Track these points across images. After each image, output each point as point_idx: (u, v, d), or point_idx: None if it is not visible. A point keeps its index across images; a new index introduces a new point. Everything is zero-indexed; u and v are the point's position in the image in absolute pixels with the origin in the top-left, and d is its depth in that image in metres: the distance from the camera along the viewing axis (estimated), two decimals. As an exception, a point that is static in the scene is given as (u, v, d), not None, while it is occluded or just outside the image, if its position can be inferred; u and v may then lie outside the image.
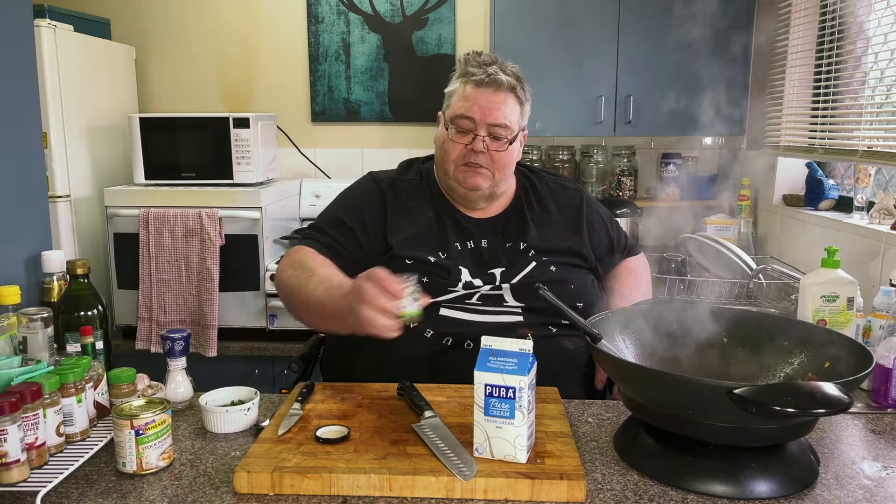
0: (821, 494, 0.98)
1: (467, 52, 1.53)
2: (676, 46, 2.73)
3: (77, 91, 2.62)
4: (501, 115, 1.45)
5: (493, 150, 1.46)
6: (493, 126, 1.45)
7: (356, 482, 0.96)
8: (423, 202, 1.53)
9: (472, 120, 1.45)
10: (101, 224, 2.74)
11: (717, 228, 2.90)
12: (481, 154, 1.45)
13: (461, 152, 1.46)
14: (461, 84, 1.49)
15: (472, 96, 1.45)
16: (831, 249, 1.53)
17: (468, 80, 1.47)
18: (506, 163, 1.49)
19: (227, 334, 2.63)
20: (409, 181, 1.57)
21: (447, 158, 1.48)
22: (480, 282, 1.44)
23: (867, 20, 2.29)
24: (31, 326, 1.24)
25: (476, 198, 1.51)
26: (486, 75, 1.45)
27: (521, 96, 1.49)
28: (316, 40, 3.19)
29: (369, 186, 1.57)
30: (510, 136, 1.47)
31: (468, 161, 1.46)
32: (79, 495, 0.98)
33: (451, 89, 1.51)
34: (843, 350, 1.09)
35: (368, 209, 1.51)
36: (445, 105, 1.52)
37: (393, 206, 1.51)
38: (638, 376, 1.06)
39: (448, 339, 1.39)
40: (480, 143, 1.45)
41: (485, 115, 1.44)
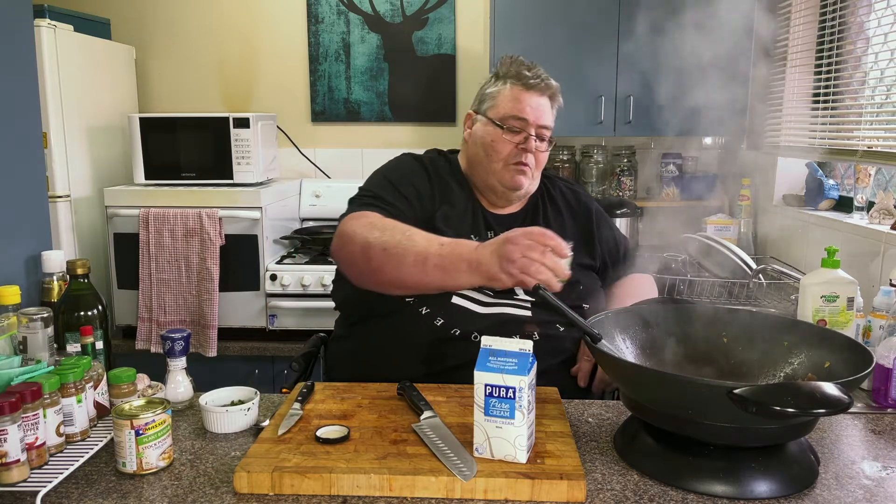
0: (821, 494, 0.98)
1: (509, 57, 1.59)
2: (676, 46, 2.73)
3: (77, 91, 2.62)
4: (548, 118, 1.54)
5: (539, 150, 1.53)
6: (541, 128, 1.52)
7: (356, 482, 0.96)
8: (458, 187, 1.57)
9: (524, 121, 1.51)
10: (101, 224, 2.74)
11: (717, 228, 2.90)
12: (530, 153, 1.51)
13: (511, 151, 1.51)
14: (509, 86, 1.54)
15: (524, 98, 1.52)
16: (831, 249, 1.53)
17: (518, 83, 1.53)
18: (543, 163, 1.56)
19: (227, 334, 2.63)
20: (444, 166, 1.60)
21: (495, 156, 1.52)
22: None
23: (867, 20, 2.29)
24: (31, 326, 1.24)
25: (512, 197, 1.56)
26: (539, 79, 1.53)
27: (558, 101, 1.58)
28: (316, 40, 3.19)
29: (410, 161, 1.59)
30: (551, 138, 1.55)
31: (518, 160, 1.51)
32: (79, 495, 0.98)
33: (495, 90, 1.55)
34: (843, 350, 1.09)
35: (417, 180, 1.53)
36: (487, 105, 1.55)
37: (436, 181, 1.55)
38: (638, 376, 1.06)
39: (456, 331, 1.39)
40: (532, 143, 1.51)
41: (537, 117, 1.51)
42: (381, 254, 1.33)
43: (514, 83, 1.53)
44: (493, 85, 1.57)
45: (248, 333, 2.67)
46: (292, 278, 2.59)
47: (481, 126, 1.55)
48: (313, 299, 2.61)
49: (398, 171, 1.57)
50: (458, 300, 1.42)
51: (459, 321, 1.40)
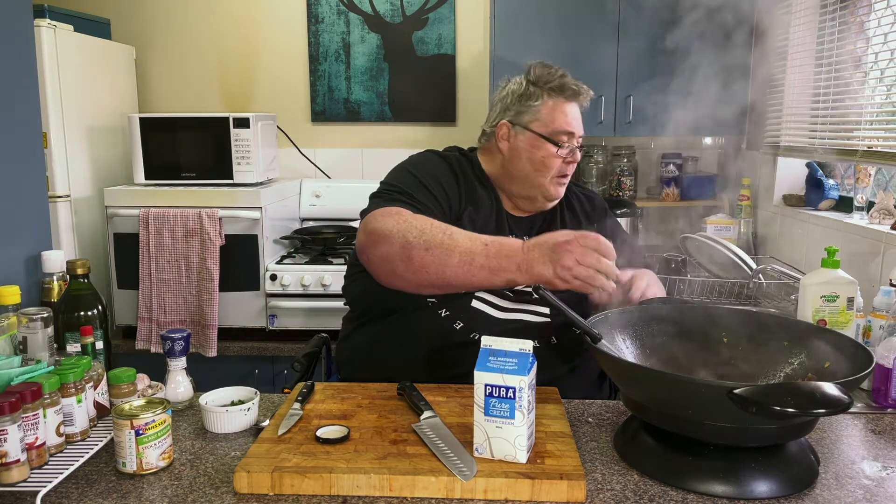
0: (821, 494, 0.98)
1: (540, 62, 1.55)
2: (676, 46, 2.73)
3: (77, 91, 2.62)
4: (582, 127, 1.53)
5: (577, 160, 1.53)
6: (580, 137, 1.53)
7: (356, 482, 0.96)
8: (482, 188, 1.54)
9: (571, 134, 1.50)
10: (101, 224, 2.74)
11: (717, 228, 2.90)
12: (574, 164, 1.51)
13: (560, 166, 1.50)
14: (552, 98, 1.50)
15: (569, 111, 1.51)
16: (831, 249, 1.53)
17: (562, 94, 1.50)
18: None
19: (227, 334, 2.63)
20: (468, 165, 1.57)
21: (546, 172, 1.49)
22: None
23: (867, 20, 2.29)
24: (31, 326, 1.24)
25: (548, 206, 1.55)
26: (579, 87, 1.51)
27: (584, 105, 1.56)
28: (316, 40, 3.19)
29: (437, 160, 1.55)
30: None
31: (563, 173, 1.51)
32: (79, 495, 0.98)
33: (537, 103, 1.50)
34: (843, 350, 1.09)
35: (444, 179, 1.49)
36: (529, 118, 1.50)
37: (463, 181, 1.51)
38: (638, 376, 1.06)
39: (475, 335, 1.39)
40: (579, 154, 1.51)
41: (579, 129, 1.52)
42: (424, 254, 1.27)
43: (555, 94, 1.50)
44: (531, 96, 1.52)
45: (248, 333, 2.67)
46: (292, 278, 2.59)
47: (527, 140, 1.50)
48: (313, 299, 2.61)
49: (425, 168, 1.50)
50: (477, 304, 1.41)
51: (478, 326, 1.39)
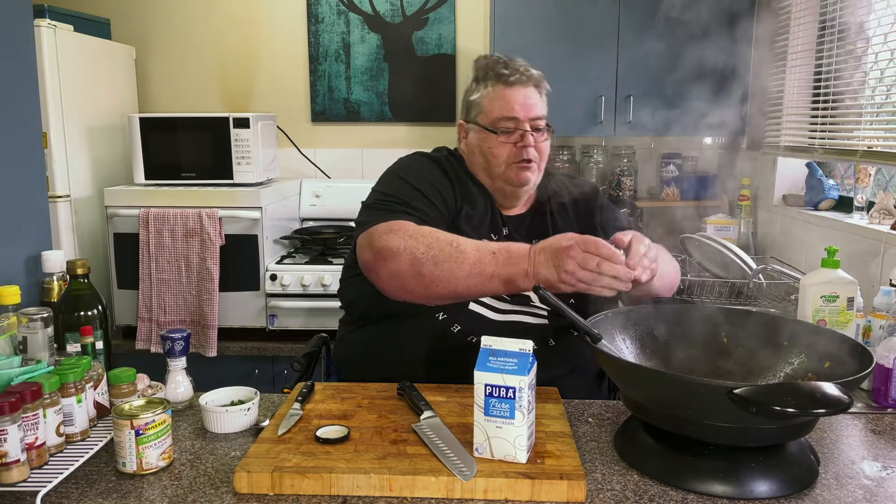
0: (821, 494, 0.98)
1: (483, 57, 1.55)
2: (676, 46, 2.73)
3: (77, 91, 2.62)
4: (538, 108, 1.50)
5: (539, 142, 1.49)
6: (534, 120, 1.49)
7: (356, 482, 0.96)
8: (474, 185, 1.53)
9: (515, 119, 1.47)
10: (101, 224, 2.74)
11: (717, 228, 2.90)
12: (531, 148, 1.47)
13: (510, 152, 1.48)
14: (491, 87, 1.50)
15: (508, 96, 1.48)
16: (831, 249, 1.53)
17: (499, 82, 1.49)
18: (547, 153, 1.53)
19: (227, 334, 2.63)
20: (457, 164, 1.56)
21: (496, 161, 1.49)
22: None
23: (867, 20, 2.29)
24: (31, 326, 1.24)
25: (521, 194, 1.53)
26: (519, 73, 1.49)
27: (545, 87, 1.54)
28: (316, 40, 3.19)
29: (427, 162, 1.54)
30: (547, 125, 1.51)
31: (520, 158, 1.47)
32: (79, 495, 0.98)
33: (479, 96, 1.52)
34: (843, 350, 1.09)
35: (438, 182, 1.48)
36: (475, 112, 1.52)
37: (455, 181, 1.51)
38: (638, 376, 1.06)
39: (473, 338, 1.39)
40: (530, 137, 1.47)
41: (527, 112, 1.48)
42: (434, 268, 1.26)
43: (495, 83, 1.50)
44: (475, 91, 1.54)
45: (248, 333, 2.67)
46: (292, 278, 2.59)
47: (475, 134, 1.52)
48: (313, 299, 2.61)
49: (417, 173, 1.49)
50: (475, 307, 1.41)
51: (476, 328, 1.39)
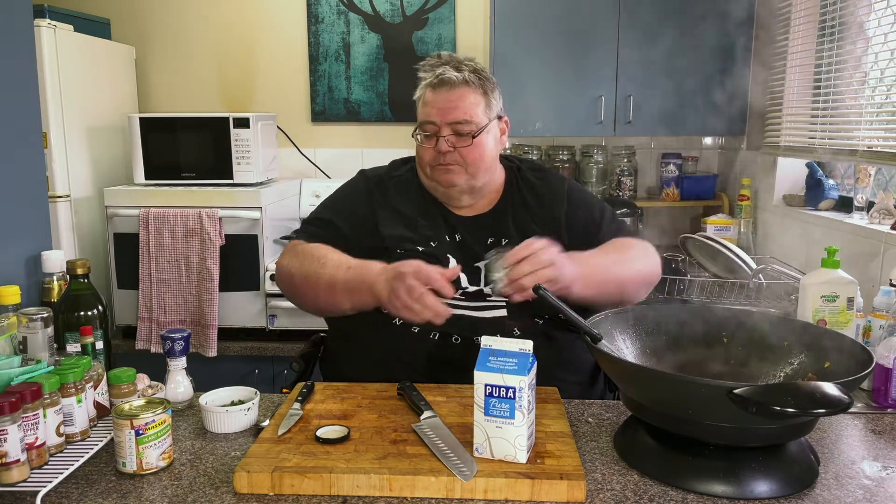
0: (821, 494, 0.98)
1: (430, 56, 1.55)
2: (676, 46, 2.74)
3: (77, 91, 2.62)
4: (460, 112, 1.46)
5: (459, 147, 1.47)
6: (454, 124, 1.47)
7: (356, 482, 0.96)
8: (413, 198, 1.55)
9: (433, 123, 1.48)
10: (101, 224, 2.74)
11: (717, 228, 2.90)
12: (448, 153, 1.47)
13: (432, 155, 1.49)
14: (422, 90, 1.52)
15: (430, 100, 1.49)
16: (831, 249, 1.53)
17: (425, 86, 1.51)
18: (476, 157, 1.48)
19: (227, 334, 2.63)
20: (399, 177, 1.60)
21: (422, 164, 1.53)
22: (465, 277, 1.46)
23: (867, 20, 2.29)
24: (31, 326, 1.24)
25: (456, 194, 1.52)
26: (436, 77, 1.48)
27: (482, 87, 1.50)
28: (316, 40, 3.19)
29: (358, 184, 1.61)
30: (474, 131, 1.47)
31: (438, 162, 1.48)
32: (79, 495, 0.98)
33: (417, 96, 1.54)
34: (843, 350, 1.09)
35: (357, 205, 1.56)
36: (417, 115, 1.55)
37: (381, 202, 1.54)
38: (638, 376, 1.06)
39: (435, 334, 1.40)
40: (444, 143, 1.47)
41: (444, 116, 1.47)
42: (302, 282, 1.43)
43: (423, 88, 1.51)
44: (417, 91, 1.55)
45: (248, 333, 2.67)
46: (292, 278, 2.59)
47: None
48: (313, 299, 2.61)
49: (340, 196, 1.61)
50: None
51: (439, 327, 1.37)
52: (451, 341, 1.39)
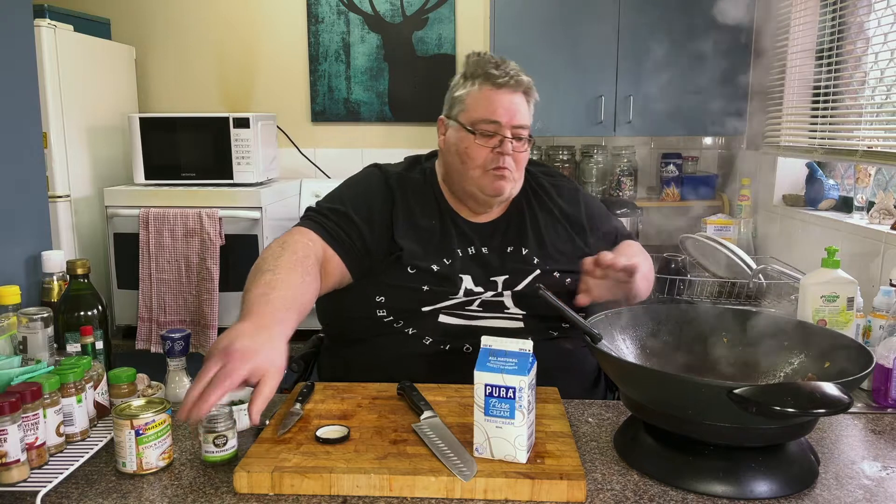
0: (821, 494, 0.98)
1: (475, 54, 1.49)
2: (676, 46, 2.74)
3: (77, 91, 2.62)
4: (523, 116, 1.44)
5: (518, 151, 1.43)
6: (516, 128, 1.42)
7: (356, 482, 0.96)
8: (428, 204, 1.49)
9: (497, 123, 1.41)
10: (101, 224, 2.74)
11: (717, 228, 2.90)
12: (508, 157, 1.41)
13: (487, 157, 1.42)
14: (477, 87, 1.44)
15: (494, 99, 1.42)
16: (831, 249, 1.53)
17: (486, 82, 1.43)
18: (523, 164, 1.47)
19: (227, 334, 2.62)
20: (415, 179, 1.51)
21: (471, 164, 1.42)
22: (482, 289, 1.42)
23: (867, 20, 2.29)
24: (31, 326, 1.24)
25: (494, 203, 1.48)
26: (508, 77, 1.42)
27: (534, 96, 1.48)
28: (316, 40, 3.19)
29: (373, 179, 1.50)
30: (528, 136, 1.46)
31: (496, 165, 1.41)
32: (79, 495, 0.98)
33: (463, 93, 1.46)
34: (843, 350, 1.09)
35: (374, 202, 1.45)
36: (458, 109, 1.46)
37: (401, 205, 1.45)
38: (638, 376, 1.06)
39: (446, 345, 1.38)
40: (509, 145, 1.41)
41: (510, 118, 1.42)
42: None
43: (482, 83, 1.43)
44: (461, 87, 1.47)
45: (248, 333, 2.66)
46: (292, 278, 2.59)
47: (454, 132, 1.46)
48: (313, 299, 2.61)
49: (357, 188, 1.49)
50: (445, 318, 1.40)
51: (447, 336, 1.38)
52: (464, 351, 1.38)
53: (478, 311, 1.42)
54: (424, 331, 1.39)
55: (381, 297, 1.40)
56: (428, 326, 1.39)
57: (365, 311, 1.41)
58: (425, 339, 1.39)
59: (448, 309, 1.41)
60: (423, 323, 1.39)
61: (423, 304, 1.40)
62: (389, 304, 1.40)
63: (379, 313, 1.40)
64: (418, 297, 1.39)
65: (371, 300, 1.40)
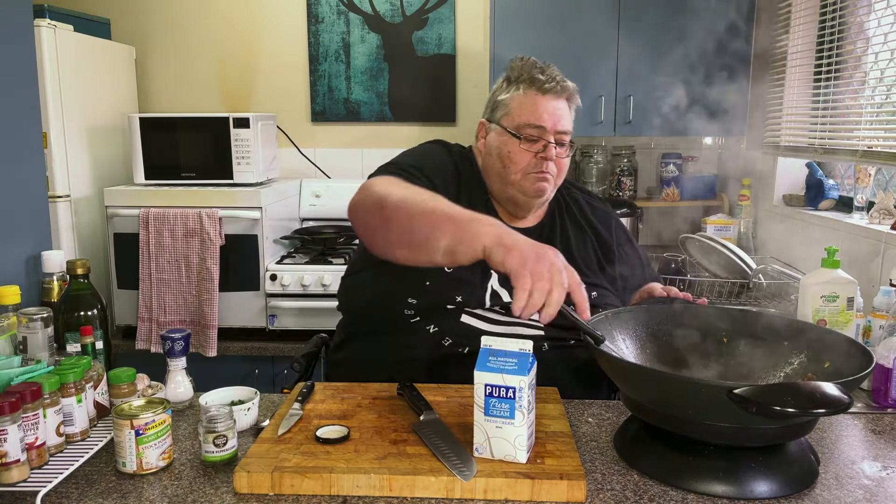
0: (821, 494, 0.98)
1: (520, 58, 1.49)
2: (676, 46, 2.73)
3: (77, 91, 2.62)
4: (567, 122, 1.44)
5: (560, 157, 1.44)
6: (560, 133, 1.43)
7: (356, 482, 0.96)
8: (479, 195, 1.48)
9: (541, 128, 1.42)
10: (101, 224, 2.74)
11: (717, 228, 2.90)
12: (550, 162, 1.42)
13: (531, 161, 1.42)
14: (522, 91, 1.44)
15: (539, 103, 1.42)
16: (831, 249, 1.53)
17: (532, 87, 1.44)
18: (563, 170, 1.47)
19: (227, 334, 2.63)
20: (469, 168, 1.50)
21: (513, 168, 1.43)
22: (507, 292, 1.41)
23: (867, 20, 2.29)
24: (31, 326, 1.24)
25: (534, 205, 1.48)
26: (555, 82, 1.43)
27: (576, 101, 1.49)
28: (316, 40, 3.19)
29: (442, 154, 1.50)
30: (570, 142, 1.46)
31: (538, 169, 1.42)
32: (79, 495, 0.98)
33: (507, 97, 1.46)
34: (843, 350, 1.09)
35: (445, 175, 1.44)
36: (501, 113, 1.46)
37: (464, 186, 1.45)
38: (638, 376, 1.06)
39: (465, 348, 1.38)
40: (552, 150, 1.42)
41: (555, 123, 1.42)
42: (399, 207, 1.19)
43: (527, 88, 1.44)
44: (505, 91, 1.48)
45: (248, 333, 2.66)
46: (292, 278, 2.59)
47: (496, 136, 1.46)
48: (313, 299, 2.61)
49: (431, 159, 1.47)
50: (467, 319, 1.39)
51: (467, 339, 1.37)
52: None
53: (500, 314, 1.41)
54: (445, 330, 1.38)
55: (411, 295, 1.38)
56: (450, 325, 1.38)
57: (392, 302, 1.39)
58: (445, 339, 1.38)
59: (471, 310, 1.39)
60: (446, 321, 1.38)
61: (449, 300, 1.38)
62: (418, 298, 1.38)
63: (406, 312, 1.39)
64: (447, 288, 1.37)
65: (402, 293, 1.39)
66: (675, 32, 2.73)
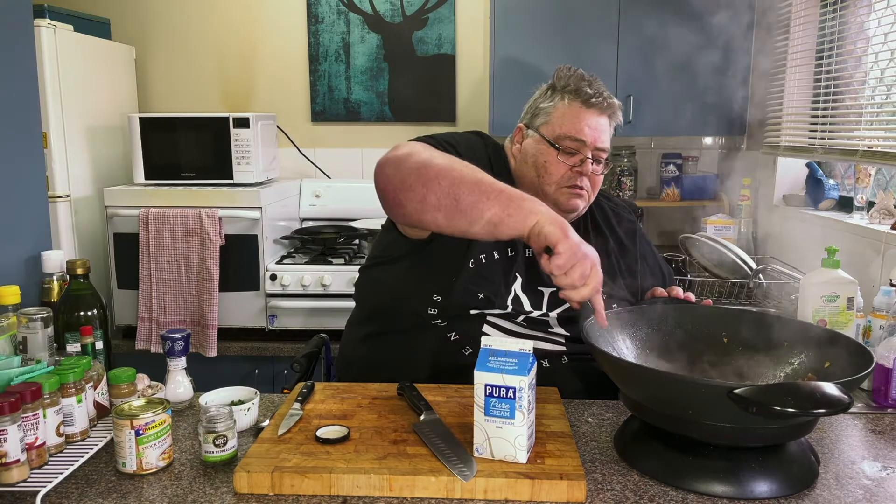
0: (821, 494, 0.98)
1: (566, 67, 1.46)
2: (676, 46, 2.73)
3: (77, 91, 2.62)
4: (607, 139, 1.42)
5: (596, 174, 1.41)
6: (598, 150, 1.40)
7: (356, 482, 0.96)
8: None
9: (581, 142, 1.39)
10: (101, 224, 2.74)
11: (717, 228, 2.90)
12: (585, 177, 1.39)
13: (565, 174, 1.39)
14: (566, 101, 1.42)
15: (582, 117, 1.40)
16: (831, 249, 1.53)
17: (577, 98, 1.41)
18: (599, 186, 1.45)
19: (227, 334, 2.62)
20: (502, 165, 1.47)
21: (548, 178, 1.40)
22: (528, 300, 1.40)
23: (867, 20, 2.29)
24: (31, 326, 1.24)
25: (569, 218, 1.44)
26: (602, 98, 1.41)
27: (617, 119, 1.46)
28: (316, 40, 3.19)
29: (477, 143, 1.46)
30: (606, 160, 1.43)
31: (573, 183, 1.39)
32: (79, 495, 0.98)
33: (549, 105, 1.43)
34: (843, 350, 1.09)
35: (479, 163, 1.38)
36: (541, 121, 1.43)
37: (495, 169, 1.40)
38: (638, 376, 1.06)
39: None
40: (589, 166, 1.39)
41: (595, 139, 1.40)
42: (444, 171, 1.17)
43: (572, 99, 1.41)
44: (547, 98, 1.44)
45: (248, 333, 2.66)
46: (292, 278, 2.59)
47: (533, 143, 1.43)
48: (313, 299, 2.61)
49: (467, 144, 1.43)
50: (489, 329, 1.37)
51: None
52: None
53: (522, 324, 1.39)
54: (466, 339, 1.36)
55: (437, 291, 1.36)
56: (471, 333, 1.36)
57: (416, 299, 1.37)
58: (465, 349, 1.36)
59: (494, 318, 1.38)
60: (467, 330, 1.36)
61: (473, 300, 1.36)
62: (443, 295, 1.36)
63: (430, 311, 1.37)
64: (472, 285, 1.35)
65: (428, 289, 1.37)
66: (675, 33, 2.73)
